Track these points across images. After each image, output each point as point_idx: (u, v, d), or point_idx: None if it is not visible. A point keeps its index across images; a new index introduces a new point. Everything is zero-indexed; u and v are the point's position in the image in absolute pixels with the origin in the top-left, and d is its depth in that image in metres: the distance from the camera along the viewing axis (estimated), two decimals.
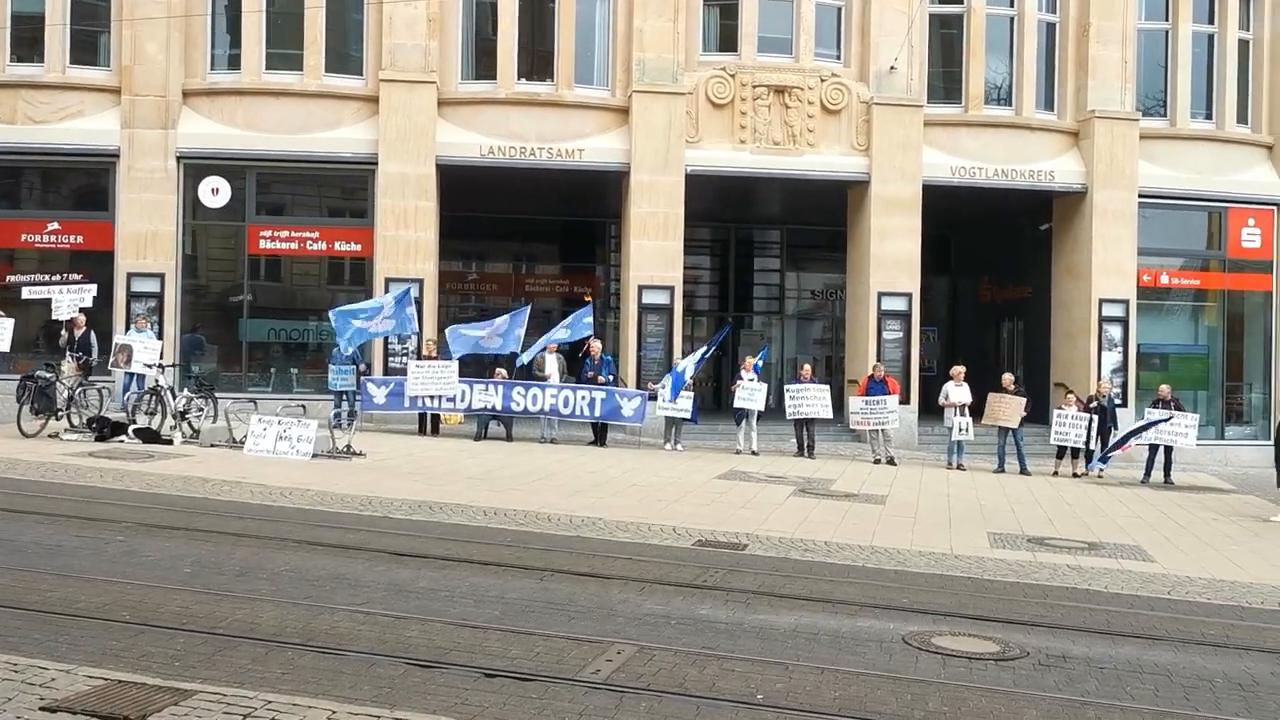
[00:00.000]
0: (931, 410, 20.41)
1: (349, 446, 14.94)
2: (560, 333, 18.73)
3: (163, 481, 12.21)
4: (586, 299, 19.44)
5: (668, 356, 20.07)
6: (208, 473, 12.86)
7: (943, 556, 10.60)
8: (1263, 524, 14.18)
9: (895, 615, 7.98)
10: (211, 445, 15.18)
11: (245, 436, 14.77)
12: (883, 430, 18.83)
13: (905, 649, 7.07)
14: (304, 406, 15.71)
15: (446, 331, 18.63)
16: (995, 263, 26.25)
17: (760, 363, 19.12)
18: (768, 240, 28.03)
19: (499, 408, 18.25)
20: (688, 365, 18.50)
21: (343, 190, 20.88)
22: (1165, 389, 18.83)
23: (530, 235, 27.19)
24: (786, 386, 19.34)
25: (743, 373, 18.97)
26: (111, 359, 17.14)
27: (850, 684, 6.16)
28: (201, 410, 16.11)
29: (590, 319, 18.98)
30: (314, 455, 14.49)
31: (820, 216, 23.55)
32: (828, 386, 19.46)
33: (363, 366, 18.71)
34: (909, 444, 20.71)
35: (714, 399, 25.57)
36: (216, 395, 16.68)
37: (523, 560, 9.08)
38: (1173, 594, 9.63)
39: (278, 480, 12.51)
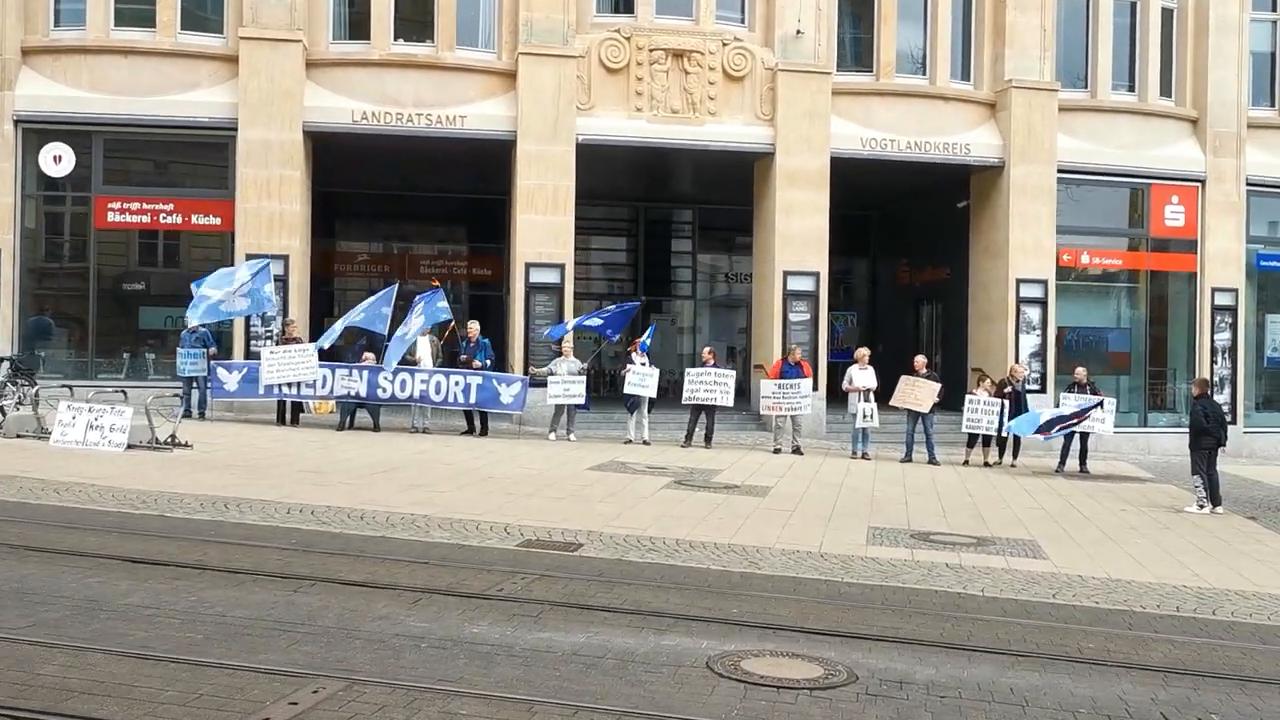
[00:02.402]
0: (845, 396, 19.15)
1: (173, 437, 13.31)
2: (415, 320, 17.01)
3: None
4: (434, 283, 17.83)
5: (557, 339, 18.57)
6: None
7: (806, 556, 9.28)
8: (1174, 515, 13.08)
9: (714, 631, 6.62)
10: (18, 435, 13.48)
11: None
12: (792, 418, 17.53)
13: (705, 676, 5.70)
14: (125, 393, 14.02)
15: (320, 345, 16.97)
16: (914, 243, 25.11)
17: (647, 341, 17.72)
18: (680, 220, 26.66)
19: (363, 394, 16.67)
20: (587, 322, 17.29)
21: (200, 159, 19.05)
22: (1081, 372, 17.77)
23: (431, 213, 25.64)
24: (688, 370, 17.96)
25: (634, 356, 17.57)
26: None
27: None
28: (14, 396, 14.38)
29: (444, 303, 17.34)
30: (130, 446, 12.86)
31: (735, 195, 22.09)
32: (732, 373, 18.10)
33: (213, 350, 17.04)
34: (816, 432, 19.46)
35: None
36: (38, 381, 14.93)
37: (288, 567, 7.59)
38: (1058, 597, 8.38)
39: (63, 475, 10.90)
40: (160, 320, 19.00)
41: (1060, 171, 20.65)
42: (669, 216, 26.71)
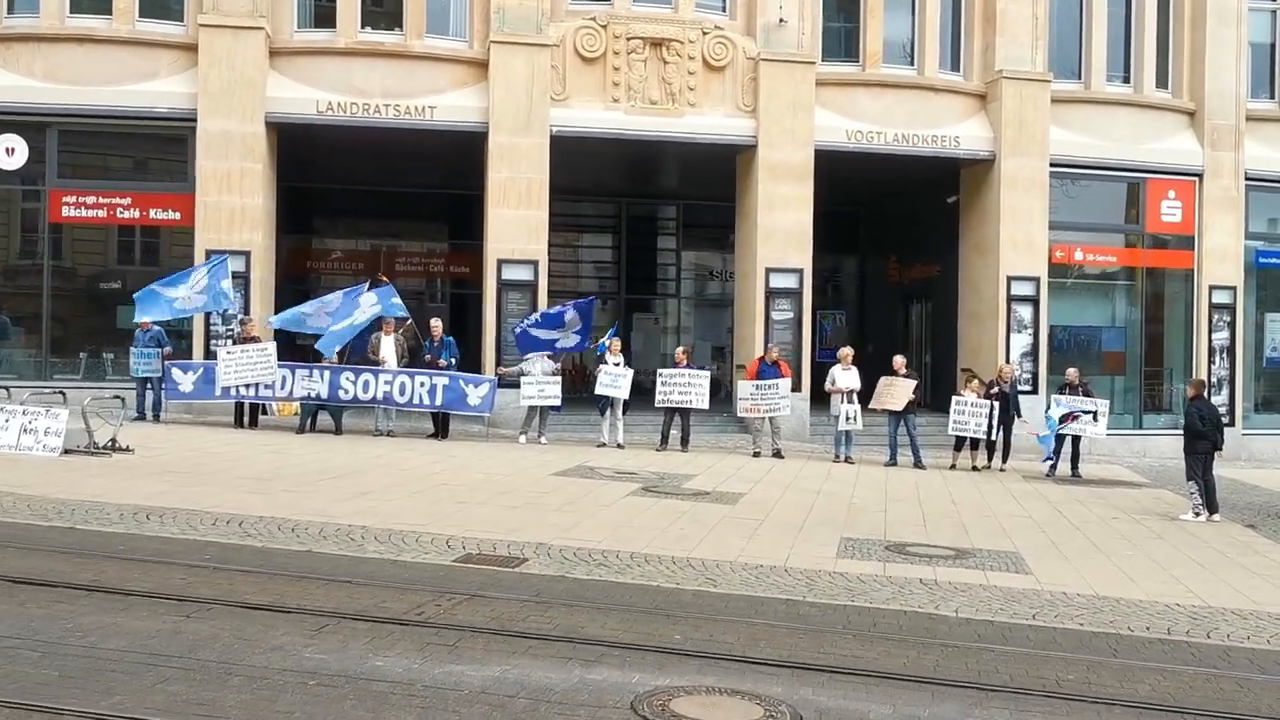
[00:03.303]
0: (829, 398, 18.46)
1: (114, 441, 12.61)
2: (367, 312, 16.32)
3: None
4: (383, 279, 17.15)
5: None
6: None
7: (769, 571, 8.59)
8: (1168, 523, 12.39)
9: (650, 661, 5.94)
10: None
11: None
12: (771, 419, 16.85)
13: (626, 719, 5.02)
14: (64, 394, 13.33)
15: (319, 347, 16.33)
16: (904, 240, 24.42)
17: (606, 341, 17.00)
18: (665, 217, 25.97)
19: (325, 396, 15.98)
20: (538, 328, 16.45)
21: (159, 151, 18.43)
22: (1073, 372, 17.07)
23: (410, 209, 24.90)
24: (660, 371, 17.24)
25: (608, 356, 16.86)
26: None
27: None
28: None
29: (397, 299, 16.66)
30: (67, 451, 12.18)
31: (720, 190, 21.33)
32: (706, 373, 17.43)
33: (168, 349, 16.36)
34: (800, 435, 18.81)
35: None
36: None
37: (190, 588, 6.91)
38: (1038, 618, 7.69)
39: None
40: (120, 319, 18.25)
41: (1053, 165, 20.00)
42: (652, 213, 26.06)
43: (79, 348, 18.26)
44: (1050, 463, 16.20)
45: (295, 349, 18.45)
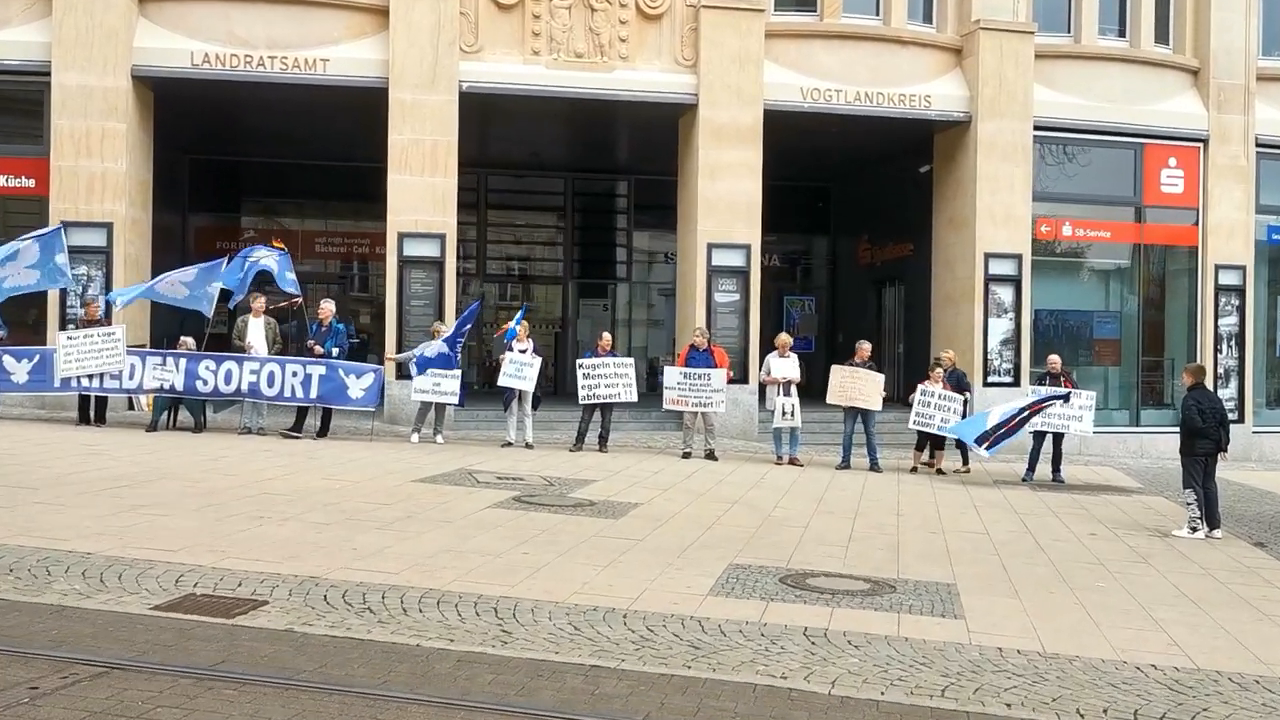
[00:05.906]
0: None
1: None
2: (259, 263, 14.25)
3: None
4: (276, 244, 14.92)
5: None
6: None
7: (601, 617, 6.34)
8: (1159, 540, 10.10)
9: None
10: None
11: None
12: (704, 415, 14.59)
13: None
14: None
15: (110, 297, 14.15)
16: (875, 217, 22.06)
17: (515, 327, 14.76)
18: (618, 194, 23.69)
19: (180, 388, 13.80)
20: (432, 346, 14.22)
21: (11, 109, 16.26)
22: (1055, 360, 14.80)
23: (336, 188, 22.62)
24: (579, 362, 14.96)
25: (514, 344, 14.60)
26: None
27: None
28: None
29: (291, 273, 14.52)
30: None
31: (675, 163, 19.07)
32: (632, 360, 15.20)
33: (2, 334, 14.19)
34: (747, 433, 16.59)
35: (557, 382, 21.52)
36: None
37: None
38: (950, 693, 5.41)
39: None
40: None
41: (1037, 129, 17.74)
42: (602, 189, 23.77)
43: None
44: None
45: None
